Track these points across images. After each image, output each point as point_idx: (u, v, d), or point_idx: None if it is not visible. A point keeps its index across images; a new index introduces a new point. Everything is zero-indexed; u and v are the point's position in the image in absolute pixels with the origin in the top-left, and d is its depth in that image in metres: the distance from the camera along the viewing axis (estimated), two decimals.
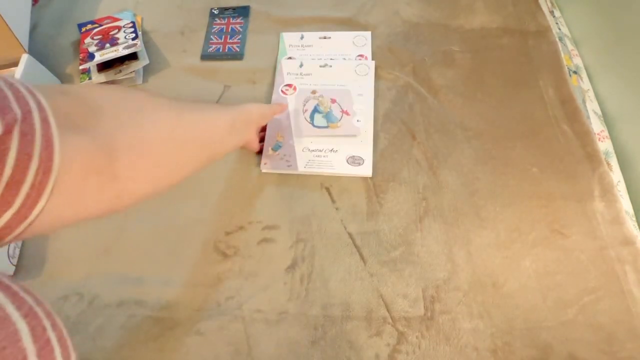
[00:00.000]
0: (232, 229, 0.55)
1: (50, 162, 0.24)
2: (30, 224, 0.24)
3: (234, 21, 0.74)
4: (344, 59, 0.67)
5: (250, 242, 0.54)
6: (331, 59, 0.67)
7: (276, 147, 0.59)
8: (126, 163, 0.31)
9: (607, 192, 0.54)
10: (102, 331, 0.50)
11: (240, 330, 0.49)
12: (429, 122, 0.61)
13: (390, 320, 0.49)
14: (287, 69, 0.66)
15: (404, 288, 0.50)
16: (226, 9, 0.75)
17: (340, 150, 0.58)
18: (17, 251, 0.55)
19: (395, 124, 0.61)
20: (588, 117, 0.61)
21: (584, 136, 0.59)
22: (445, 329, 0.48)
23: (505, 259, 0.51)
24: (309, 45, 0.69)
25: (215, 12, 0.75)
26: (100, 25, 0.71)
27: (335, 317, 0.49)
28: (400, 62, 0.67)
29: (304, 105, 0.62)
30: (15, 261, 0.54)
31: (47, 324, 0.20)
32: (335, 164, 0.58)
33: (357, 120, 0.60)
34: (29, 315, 0.19)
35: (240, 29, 0.73)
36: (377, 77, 0.65)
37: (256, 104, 0.52)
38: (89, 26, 0.72)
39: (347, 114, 0.61)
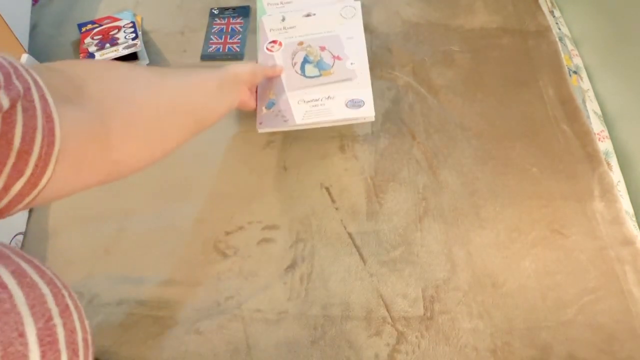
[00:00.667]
0: (232, 229, 0.55)
1: (53, 135, 0.26)
2: (39, 192, 0.26)
3: (234, 21, 0.74)
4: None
5: (250, 242, 0.54)
6: (314, 7, 0.62)
7: (270, 105, 0.57)
8: (117, 130, 0.33)
9: (607, 192, 0.54)
10: (101, 329, 0.50)
11: (240, 329, 0.49)
12: (429, 122, 0.61)
13: (389, 320, 0.49)
14: (269, 26, 0.62)
15: (404, 288, 0.50)
16: (226, 9, 0.75)
17: (338, 96, 0.55)
18: None
19: (395, 124, 0.61)
20: (588, 117, 0.61)
21: (584, 136, 0.59)
22: (445, 328, 0.48)
23: (505, 259, 0.51)
24: (289, 2, 0.65)
25: (215, 12, 0.75)
26: (100, 25, 0.71)
27: (334, 317, 0.49)
28: (400, 62, 0.67)
29: (293, 58, 0.59)
30: None
31: (65, 292, 0.22)
32: (335, 111, 0.55)
33: (351, 63, 0.57)
34: (51, 283, 0.21)
35: (240, 29, 0.73)
36: (377, 77, 0.65)
37: (244, 64, 0.51)
38: (89, 26, 0.72)
39: (339, 58, 0.58)
